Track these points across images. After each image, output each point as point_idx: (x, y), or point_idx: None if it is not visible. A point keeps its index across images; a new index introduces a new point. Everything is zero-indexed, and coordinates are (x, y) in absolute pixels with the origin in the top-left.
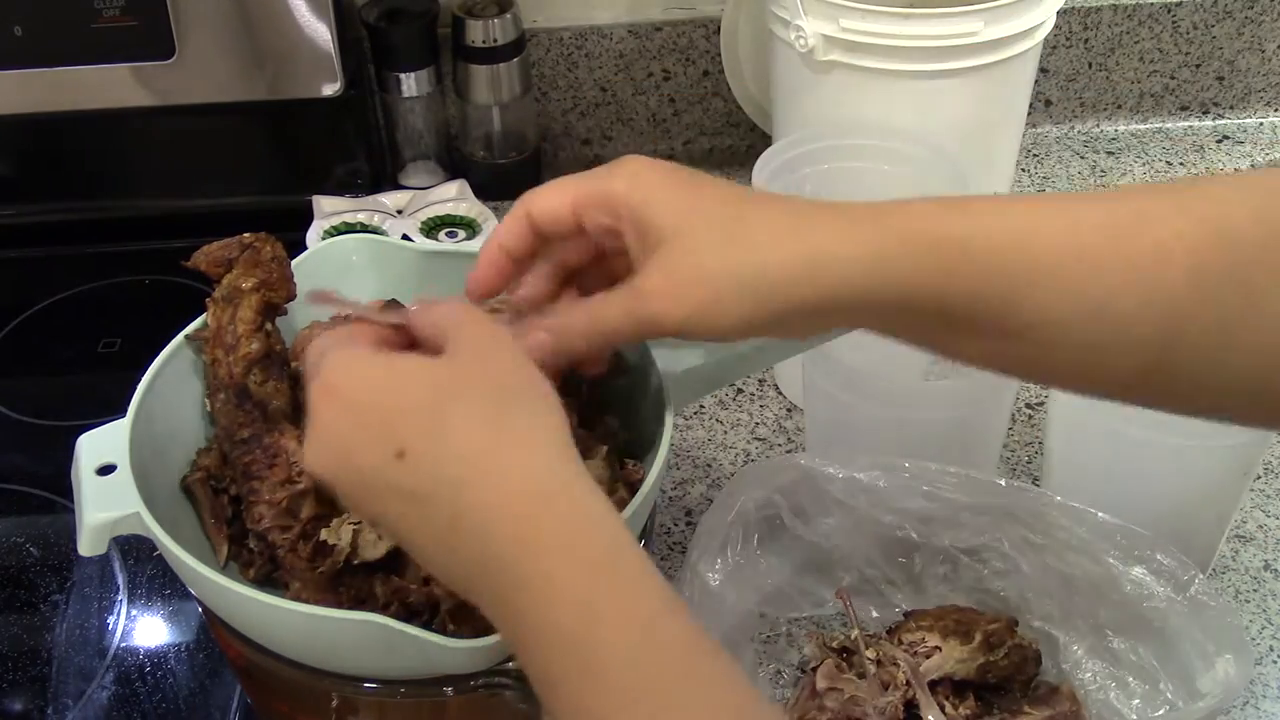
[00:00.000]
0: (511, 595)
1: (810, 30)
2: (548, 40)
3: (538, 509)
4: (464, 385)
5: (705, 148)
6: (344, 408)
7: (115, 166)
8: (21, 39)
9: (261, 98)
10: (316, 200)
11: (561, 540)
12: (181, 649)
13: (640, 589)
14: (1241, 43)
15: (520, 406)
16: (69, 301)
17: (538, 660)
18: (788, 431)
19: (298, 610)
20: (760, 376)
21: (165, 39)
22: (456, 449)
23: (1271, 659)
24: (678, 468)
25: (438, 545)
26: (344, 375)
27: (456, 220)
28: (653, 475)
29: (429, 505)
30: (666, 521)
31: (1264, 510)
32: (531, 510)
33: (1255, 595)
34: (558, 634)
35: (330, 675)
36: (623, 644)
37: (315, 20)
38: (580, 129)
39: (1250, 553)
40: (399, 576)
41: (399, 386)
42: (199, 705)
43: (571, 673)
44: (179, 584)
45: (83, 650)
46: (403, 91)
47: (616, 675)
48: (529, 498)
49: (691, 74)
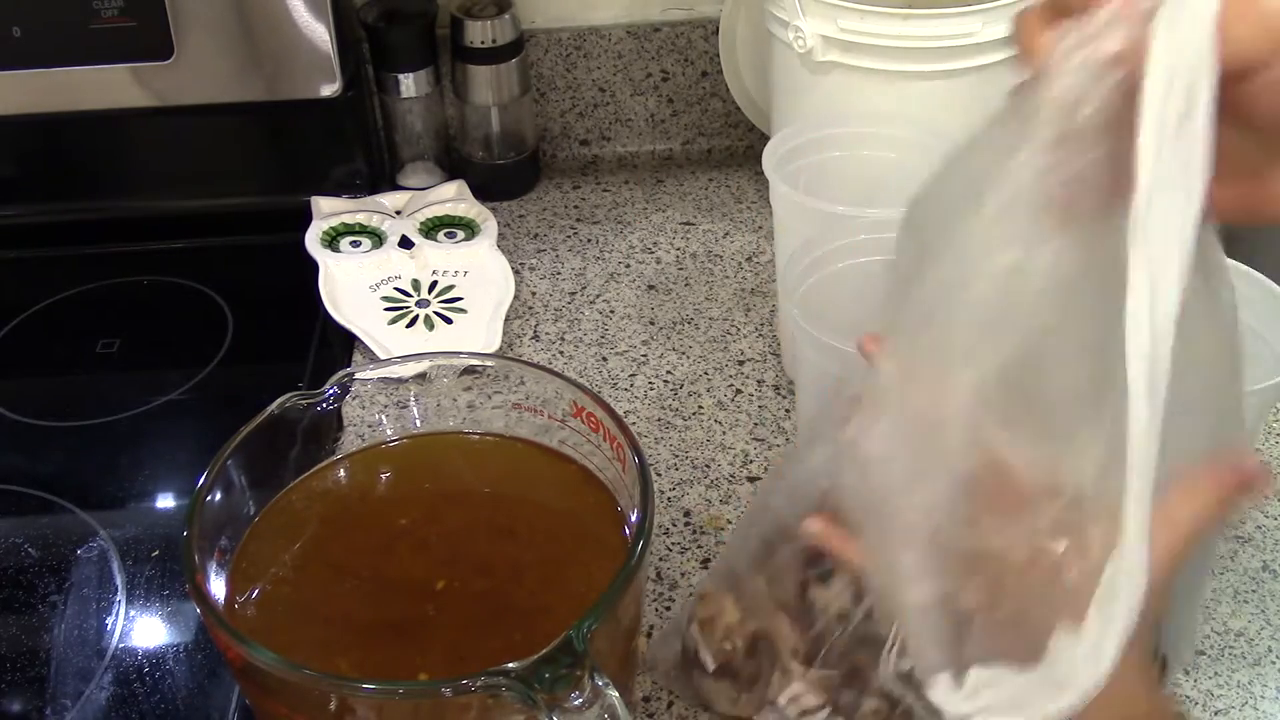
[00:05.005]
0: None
1: (809, 31)
2: (546, 41)
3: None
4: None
5: (704, 148)
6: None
7: (114, 167)
8: (20, 39)
9: (260, 98)
10: (315, 201)
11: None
12: (180, 650)
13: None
14: None
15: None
16: (68, 302)
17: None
18: (786, 432)
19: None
20: (759, 377)
21: (164, 40)
22: None
23: (1271, 659)
24: (677, 468)
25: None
26: None
27: (455, 221)
28: None
29: None
30: (665, 522)
31: (1263, 511)
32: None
33: (1254, 596)
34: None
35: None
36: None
37: (314, 21)
38: (579, 129)
39: (1249, 553)
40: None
41: None
42: (198, 706)
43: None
44: (177, 584)
45: (81, 651)
46: (401, 92)
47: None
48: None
49: (690, 75)
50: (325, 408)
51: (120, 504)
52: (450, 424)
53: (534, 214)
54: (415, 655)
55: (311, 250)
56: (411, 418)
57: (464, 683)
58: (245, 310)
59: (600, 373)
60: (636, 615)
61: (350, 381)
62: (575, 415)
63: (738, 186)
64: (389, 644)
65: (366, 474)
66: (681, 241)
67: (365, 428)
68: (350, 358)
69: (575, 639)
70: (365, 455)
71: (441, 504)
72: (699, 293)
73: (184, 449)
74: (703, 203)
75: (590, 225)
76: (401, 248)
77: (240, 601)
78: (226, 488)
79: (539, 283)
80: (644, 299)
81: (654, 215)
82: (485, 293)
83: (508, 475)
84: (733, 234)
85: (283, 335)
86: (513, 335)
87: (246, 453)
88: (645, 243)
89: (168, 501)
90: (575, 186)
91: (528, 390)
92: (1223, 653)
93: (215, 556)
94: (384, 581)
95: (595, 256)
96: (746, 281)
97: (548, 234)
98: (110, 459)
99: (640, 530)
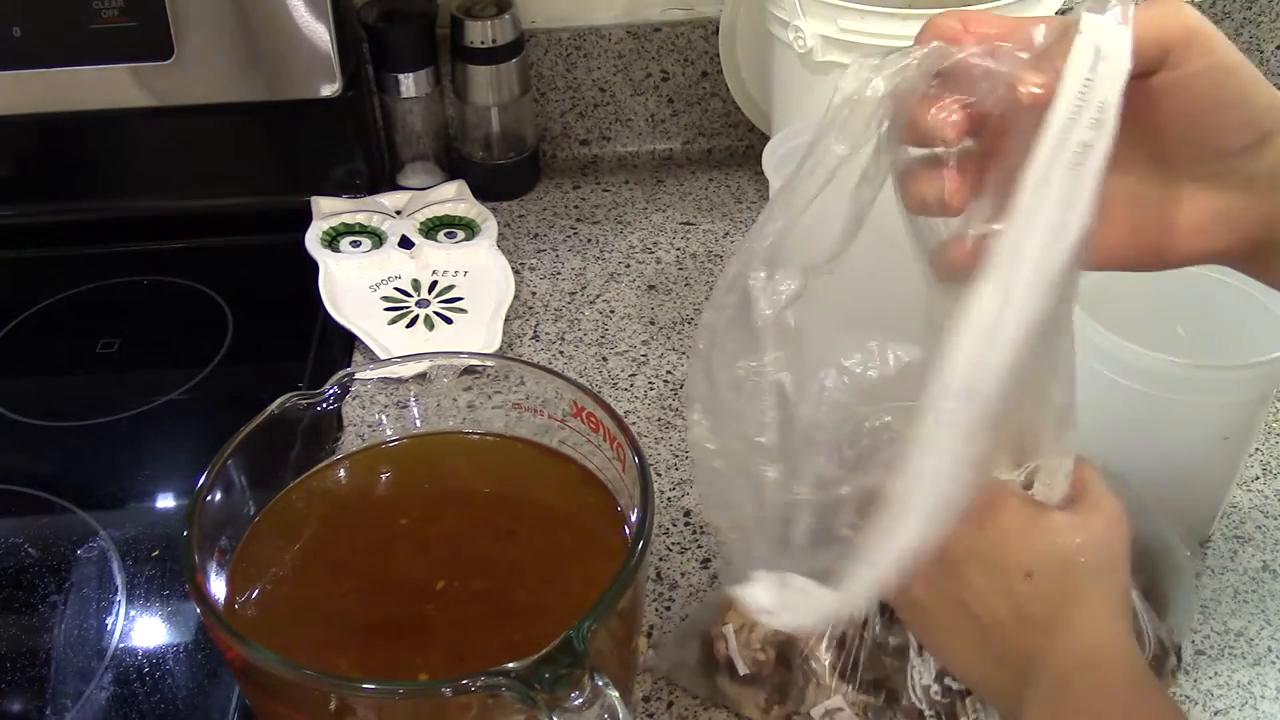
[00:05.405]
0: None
1: (809, 31)
2: (546, 41)
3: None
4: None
5: (704, 148)
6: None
7: (114, 167)
8: (20, 39)
9: (260, 98)
10: (315, 201)
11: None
12: (180, 649)
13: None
14: (1240, 43)
15: (1118, 580)
16: (68, 302)
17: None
18: None
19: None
20: None
21: (164, 40)
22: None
23: (1271, 659)
24: (676, 468)
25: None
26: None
27: (455, 221)
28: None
29: (1027, 626)
30: (665, 522)
31: (1262, 511)
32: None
33: (1254, 596)
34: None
35: (329, 675)
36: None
37: (314, 21)
38: (579, 129)
39: (1249, 553)
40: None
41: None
42: (197, 706)
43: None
44: (177, 584)
45: (81, 651)
46: (401, 92)
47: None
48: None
49: (690, 74)
50: (325, 408)
51: (120, 504)
52: (450, 424)
53: (534, 214)
54: (415, 655)
55: (311, 250)
56: (411, 418)
57: (464, 683)
58: (245, 310)
59: (600, 373)
60: (636, 615)
61: (350, 381)
62: (575, 415)
63: (738, 186)
64: (389, 644)
65: (366, 474)
66: (681, 241)
67: (365, 428)
68: (350, 358)
69: (575, 639)
70: (365, 455)
71: (441, 504)
72: (699, 293)
73: (184, 449)
74: (703, 203)
75: (590, 225)
76: (401, 248)
77: (240, 601)
78: (226, 488)
79: (539, 283)
80: (644, 299)
81: (654, 215)
82: (485, 293)
83: (508, 475)
84: (733, 234)
85: (283, 335)
86: (513, 335)
87: (246, 453)
88: (645, 243)
89: (168, 501)
90: (575, 186)
91: (528, 390)
92: (1223, 653)
93: (215, 556)
94: (384, 581)
95: (595, 256)
96: None
97: (548, 234)
98: (110, 459)
99: (640, 530)
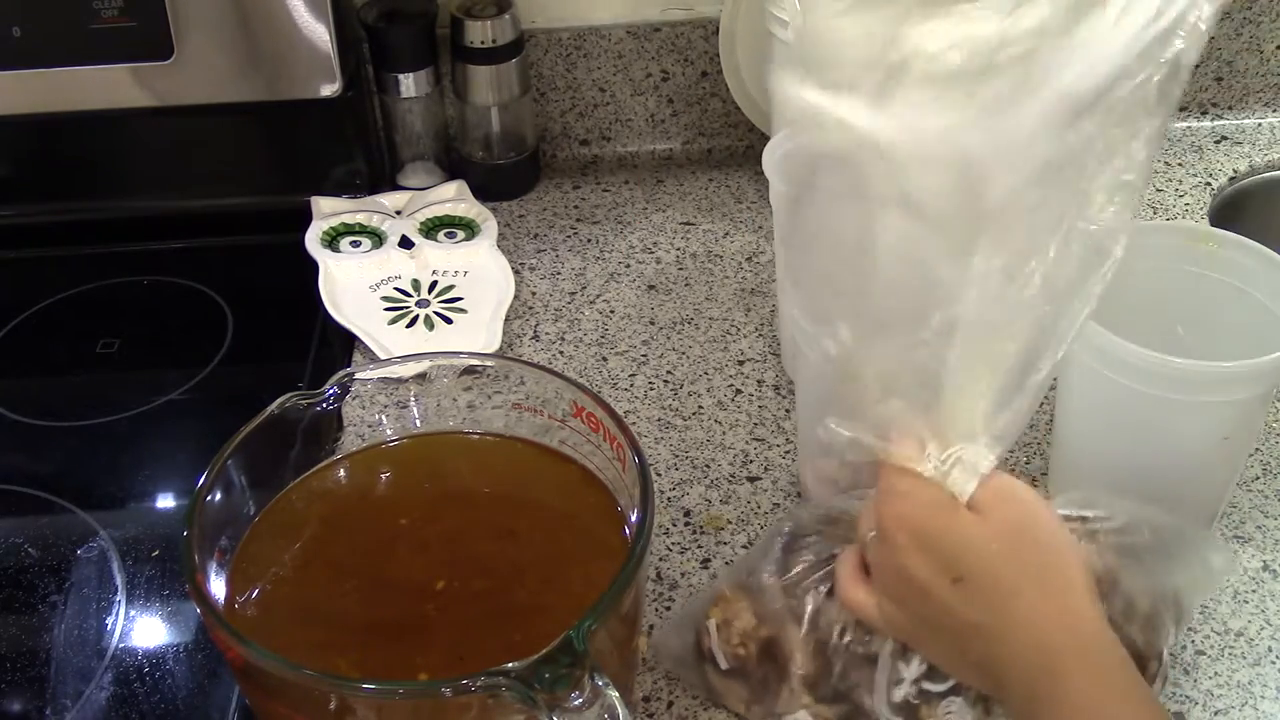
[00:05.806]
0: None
1: None
2: (546, 41)
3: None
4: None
5: (704, 148)
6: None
7: (114, 167)
8: (20, 39)
9: (260, 98)
10: (315, 201)
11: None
12: (180, 649)
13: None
14: (1240, 43)
15: (1052, 558)
16: (68, 302)
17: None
18: (786, 432)
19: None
20: (759, 377)
21: (164, 40)
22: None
23: (1271, 659)
24: (677, 468)
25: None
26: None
27: (455, 221)
28: None
29: (980, 632)
30: (665, 522)
31: (1263, 511)
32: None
33: (1254, 596)
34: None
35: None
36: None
37: (314, 21)
38: (579, 129)
39: (1249, 553)
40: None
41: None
42: (197, 706)
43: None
44: (177, 584)
45: (81, 651)
46: (401, 92)
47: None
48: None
49: (690, 74)
50: (325, 408)
51: (120, 504)
52: (450, 424)
53: (534, 214)
54: (415, 655)
55: (311, 250)
56: (411, 418)
57: (464, 683)
58: (245, 310)
59: (600, 373)
60: (636, 615)
61: (350, 381)
62: (575, 415)
63: (738, 186)
64: (389, 644)
65: (366, 474)
66: (681, 241)
67: (365, 428)
68: (350, 358)
69: (575, 639)
70: (365, 455)
71: (441, 504)
72: (699, 293)
73: (184, 449)
74: (703, 203)
75: (590, 225)
76: (401, 248)
77: (240, 601)
78: (226, 488)
79: (539, 283)
80: (644, 299)
81: (654, 215)
82: (485, 293)
83: (508, 475)
84: (733, 234)
85: (283, 335)
86: (513, 335)
87: (246, 453)
88: (645, 243)
89: (168, 501)
90: (575, 186)
91: (528, 390)
92: (1223, 653)
93: (215, 556)
94: (384, 581)
95: (595, 256)
96: (746, 281)
97: (548, 234)
98: (110, 459)
99: (640, 530)
